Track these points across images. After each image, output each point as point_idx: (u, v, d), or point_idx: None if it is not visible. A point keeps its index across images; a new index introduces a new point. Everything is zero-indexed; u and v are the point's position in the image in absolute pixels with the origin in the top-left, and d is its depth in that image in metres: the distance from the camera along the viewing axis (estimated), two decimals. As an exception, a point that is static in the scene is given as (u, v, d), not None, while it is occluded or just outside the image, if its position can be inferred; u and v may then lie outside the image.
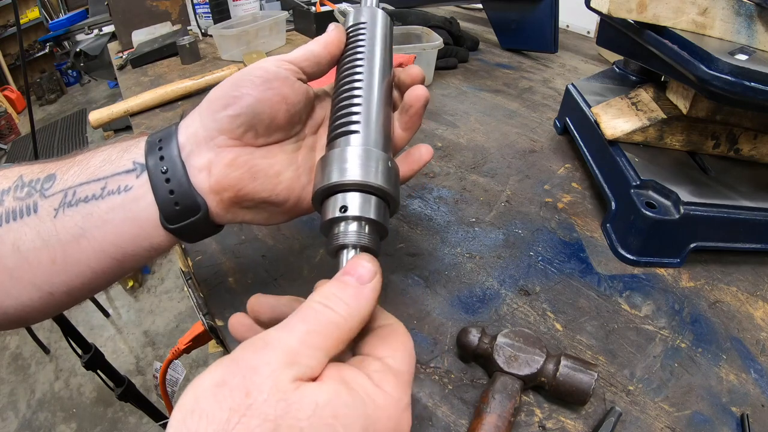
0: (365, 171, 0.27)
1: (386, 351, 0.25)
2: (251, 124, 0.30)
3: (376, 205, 0.28)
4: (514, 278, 0.45)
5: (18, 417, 1.65)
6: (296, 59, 0.32)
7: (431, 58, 0.82)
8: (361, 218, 0.27)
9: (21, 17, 3.38)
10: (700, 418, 0.35)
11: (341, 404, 0.20)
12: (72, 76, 4.36)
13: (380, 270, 0.26)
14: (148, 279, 2.21)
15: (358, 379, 0.22)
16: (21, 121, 3.60)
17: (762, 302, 0.45)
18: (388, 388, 0.23)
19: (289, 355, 0.21)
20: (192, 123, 0.31)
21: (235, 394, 0.19)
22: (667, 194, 0.46)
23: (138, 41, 1.13)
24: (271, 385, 0.19)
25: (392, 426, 0.22)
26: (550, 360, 0.34)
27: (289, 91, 0.31)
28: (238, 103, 0.30)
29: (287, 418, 0.19)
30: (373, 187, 0.27)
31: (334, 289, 0.24)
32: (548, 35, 0.97)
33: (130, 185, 0.29)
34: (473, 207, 0.55)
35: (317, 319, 0.22)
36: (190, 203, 0.29)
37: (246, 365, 0.20)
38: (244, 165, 0.30)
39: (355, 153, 0.28)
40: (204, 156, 0.30)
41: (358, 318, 0.24)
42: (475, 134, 0.70)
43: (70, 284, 0.30)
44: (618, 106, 0.56)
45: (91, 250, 0.29)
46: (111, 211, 0.29)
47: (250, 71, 0.31)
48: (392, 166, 0.29)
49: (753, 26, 0.44)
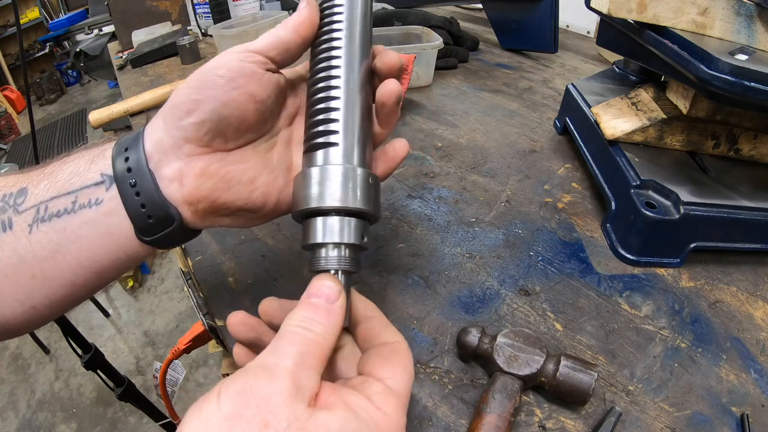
0: (344, 194, 0.27)
1: (387, 372, 0.26)
2: (219, 130, 0.28)
3: (356, 228, 0.28)
4: (514, 278, 0.45)
5: (18, 417, 1.65)
6: (262, 48, 0.30)
7: (431, 58, 0.82)
8: (341, 244, 0.27)
9: (21, 17, 3.38)
10: (700, 418, 0.35)
11: (350, 429, 0.21)
12: (72, 76, 4.36)
13: (343, 289, 0.26)
14: (148, 279, 2.21)
15: (361, 403, 0.23)
16: (21, 121, 3.60)
17: (762, 302, 0.45)
18: (388, 410, 0.24)
19: (294, 380, 0.21)
20: (157, 128, 0.29)
21: (253, 426, 0.19)
22: (667, 194, 0.46)
23: (138, 41, 1.13)
24: (288, 414, 0.20)
25: None
26: (550, 360, 0.34)
27: (256, 87, 0.29)
28: (201, 108, 0.28)
29: None
30: (352, 210, 0.28)
31: (307, 313, 0.25)
32: (548, 35, 0.97)
33: (100, 198, 0.28)
34: (473, 207, 0.55)
35: (303, 342, 0.23)
36: (163, 215, 0.28)
37: (258, 395, 0.20)
38: (216, 174, 0.29)
39: (334, 173, 0.28)
40: (173, 165, 0.28)
41: (332, 335, 0.25)
42: (475, 134, 0.70)
43: (51, 298, 0.29)
44: (618, 106, 0.56)
45: (67, 265, 0.28)
46: (84, 225, 0.28)
47: (211, 69, 0.28)
48: (373, 183, 0.29)
49: (753, 26, 0.44)
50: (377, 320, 0.29)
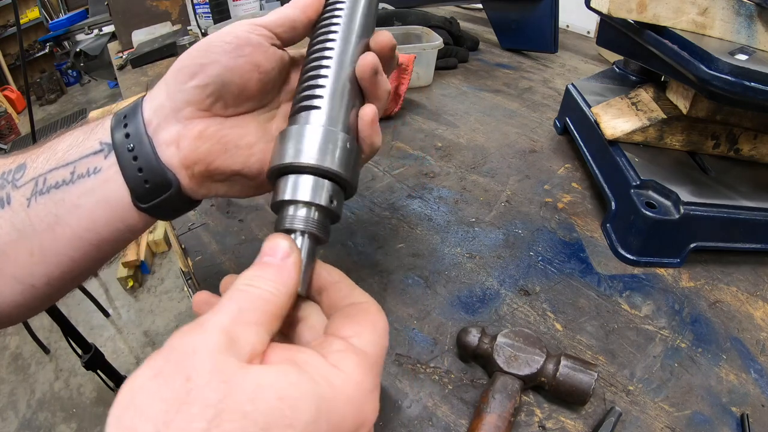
0: (321, 153, 0.26)
1: (351, 330, 0.24)
2: (220, 94, 0.29)
3: (329, 191, 0.27)
4: (514, 278, 0.45)
5: (18, 417, 1.65)
6: (270, 23, 0.30)
7: (431, 58, 0.82)
8: (311, 204, 0.26)
9: (21, 17, 3.38)
10: (700, 418, 0.35)
11: (287, 385, 0.19)
12: (72, 76, 4.36)
13: (297, 248, 0.25)
14: (148, 279, 2.21)
15: (311, 360, 0.21)
16: (21, 121, 3.60)
17: (762, 302, 0.45)
18: (347, 368, 0.21)
19: (227, 334, 0.20)
20: (158, 95, 0.29)
21: (173, 382, 0.18)
22: (667, 194, 0.46)
23: (138, 41, 1.13)
24: (211, 368, 0.18)
25: (353, 410, 0.21)
26: (550, 360, 0.34)
27: (261, 58, 0.29)
28: (206, 71, 0.28)
29: (229, 401, 0.18)
30: (327, 171, 0.26)
31: (256, 271, 0.23)
32: (548, 35, 0.97)
33: (99, 167, 0.28)
34: (473, 207, 0.55)
35: (247, 297, 0.22)
36: (160, 180, 0.28)
37: (183, 350, 0.19)
38: (214, 136, 0.29)
39: (313, 132, 0.27)
40: (171, 129, 0.29)
41: (285, 292, 0.23)
42: (475, 134, 0.70)
43: (50, 275, 0.29)
44: (618, 106, 0.56)
45: (66, 238, 0.28)
46: (83, 195, 0.28)
47: (219, 36, 0.29)
48: (351, 148, 0.28)
49: (753, 26, 0.44)
50: (344, 284, 0.27)
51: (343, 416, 0.20)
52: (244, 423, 0.17)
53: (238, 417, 0.17)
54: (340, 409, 0.20)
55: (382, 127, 0.51)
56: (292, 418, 0.18)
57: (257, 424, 0.17)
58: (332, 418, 0.20)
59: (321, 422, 0.19)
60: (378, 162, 0.62)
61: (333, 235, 0.50)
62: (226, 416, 0.17)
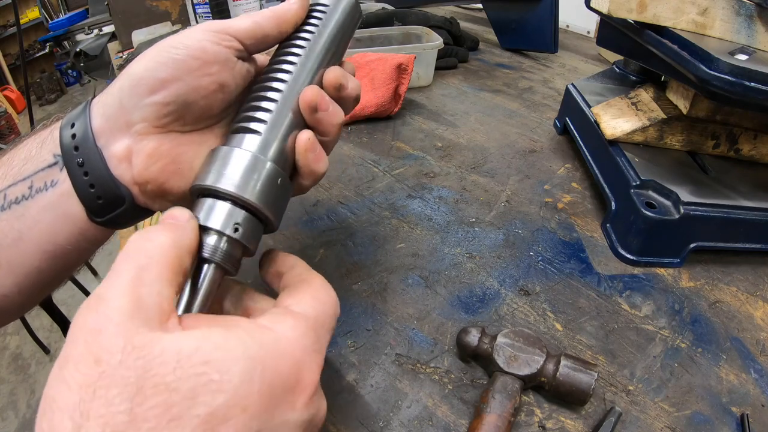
0: (243, 183, 0.25)
1: (291, 299, 0.23)
2: (180, 114, 0.27)
3: (244, 223, 0.25)
4: (514, 278, 0.45)
5: (18, 417, 1.65)
6: (240, 33, 0.28)
7: (431, 58, 0.82)
8: (221, 234, 0.25)
9: (21, 17, 3.38)
10: (700, 418, 0.35)
11: (212, 347, 0.18)
12: (72, 76, 4.36)
13: (195, 217, 0.24)
14: (148, 279, 2.21)
15: (238, 323, 0.20)
16: (21, 121, 3.59)
17: (762, 302, 0.45)
18: (279, 327, 0.21)
19: (130, 299, 0.18)
20: (111, 102, 0.27)
21: (81, 366, 0.16)
22: (667, 194, 0.46)
23: (138, 41, 1.13)
24: (123, 344, 0.17)
25: (287, 365, 0.20)
26: (550, 360, 0.34)
27: (227, 76, 0.28)
28: (167, 89, 0.26)
29: (150, 376, 0.16)
30: (245, 202, 0.25)
31: (152, 228, 0.22)
32: (548, 35, 0.97)
33: (55, 180, 0.27)
34: (473, 207, 0.55)
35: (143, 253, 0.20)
36: (112, 196, 0.27)
37: (87, 329, 0.17)
38: (168, 155, 0.27)
39: (241, 158, 0.26)
40: (123, 142, 0.27)
41: (183, 244, 0.22)
42: (475, 134, 0.70)
43: (20, 285, 0.28)
44: (618, 106, 0.56)
45: (30, 252, 0.27)
46: (42, 210, 0.27)
47: (184, 43, 0.26)
48: (281, 184, 0.27)
49: (753, 26, 0.44)
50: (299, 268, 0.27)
51: (278, 372, 0.19)
52: (169, 395, 0.16)
53: (162, 390, 0.16)
54: (272, 365, 0.19)
55: (382, 127, 0.52)
56: (220, 381, 0.17)
57: (183, 394, 0.16)
58: (266, 375, 0.19)
59: (254, 381, 0.18)
60: (378, 162, 0.62)
61: (333, 234, 0.50)
62: (148, 391, 0.16)
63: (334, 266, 0.46)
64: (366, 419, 0.34)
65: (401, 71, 0.70)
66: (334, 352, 0.38)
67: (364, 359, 0.38)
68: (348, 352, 0.38)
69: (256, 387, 0.18)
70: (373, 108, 0.69)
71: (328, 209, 0.53)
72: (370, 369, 0.37)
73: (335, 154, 0.62)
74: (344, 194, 0.56)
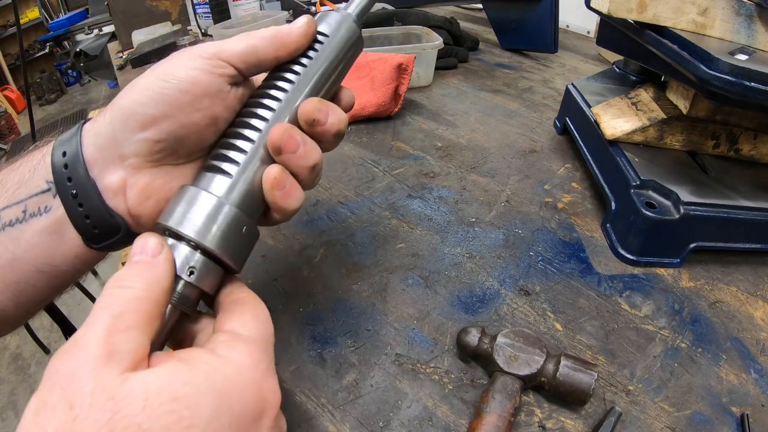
0: (204, 228, 0.25)
1: (236, 322, 0.24)
2: (173, 150, 0.27)
3: (200, 267, 0.25)
4: (514, 278, 0.45)
5: (18, 417, 1.64)
6: (234, 57, 0.27)
7: (431, 58, 0.82)
8: (178, 277, 0.25)
9: (21, 17, 3.38)
10: (700, 418, 0.35)
11: (180, 384, 0.18)
12: (72, 76, 4.36)
13: (167, 245, 0.24)
14: (148, 279, 2.21)
15: (199, 356, 0.20)
16: (21, 121, 3.60)
17: (762, 302, 0.45)
18: (237, 357, 0.21)
19: (104, 346, 0.19)
20: (103, 132, 0.27)
21: (57, 412, 0.17)
22: (667, 194, 0.46)
23: (138, 41, 1.13)
24: (93, 387, 0.17)
25: (252, 395, 0.20)
26: (550, 360, 0.34)
27: (220, 109, 0.27)
28: (157, 126, 0.26)
29: (120, 417, 0.17)
30: (205, 248, 0.25)
31: (126, 271, 0.22)
32: (548, 35, 0.97)
33: (49, 206, 0.27)
34: (473, 207, 0.55)
35: (119, 301, 0.21)
36: (108, 226, 0.27)
37: (63, 373, 0.18)
38: (161, 190, 0.27)
39: (207, 202, 0.26)
40: (116, 174, 0.27)
41: (158, 287, 0.22)
42: (475, 134, 0.70)
43: (17, 301, 0.29)
44: (618, 106, 0.56)
45: (26, 271, 0.28)
46: (37, 234, 0.27)
47: (174, 74, 0.26)
48: (246, 231, 0.27)
49: (753, 26, 0.44)
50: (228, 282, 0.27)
51: (244, 404, 0.20)
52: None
53: (135, 430, 0.17)
54: (239, 397, 0.20)
55: (382, 127, 0.52)
56: (191, 417, 0.18)
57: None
58: (234, 408, 0.19)
59: (222, 415, 0.19)
60: (378, 162, 0.62)
61: (333, 234, 0.50)
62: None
63: (334, 266, 0.46)
64: (366, 419, 0.34)
65: (401, 71, 0.70)
66: (334, 352, 0.38)
67: (364, 359, 0.38)
68: (348, 352, 0.38)
69: (226, 420, 0.19)
70: (373, 108, 0.69)
71: (328, 209, 0.53)
72: (370, 369, 0.37)
73: (335, 154, 0.62)
74: (344, 194, 0.56)
